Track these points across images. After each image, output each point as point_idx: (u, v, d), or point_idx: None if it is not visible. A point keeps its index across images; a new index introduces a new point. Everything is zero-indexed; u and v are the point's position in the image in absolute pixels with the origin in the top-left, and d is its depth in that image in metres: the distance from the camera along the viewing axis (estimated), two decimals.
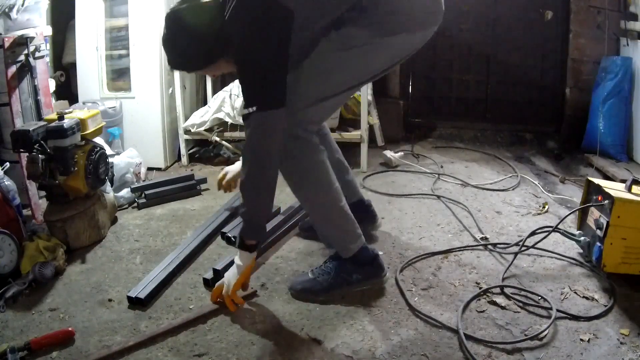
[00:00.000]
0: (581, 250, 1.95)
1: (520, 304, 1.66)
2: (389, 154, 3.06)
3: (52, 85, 2.63)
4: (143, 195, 2.55)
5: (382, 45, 1.58)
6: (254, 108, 1.49)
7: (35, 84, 2.31)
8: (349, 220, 1.72)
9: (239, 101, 3.08)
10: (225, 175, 2.28)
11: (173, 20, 1.59)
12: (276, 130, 1.53)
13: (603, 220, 1.75)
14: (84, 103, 2.89)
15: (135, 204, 2.52)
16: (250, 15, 1.49)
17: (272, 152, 1.55)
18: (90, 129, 2.15)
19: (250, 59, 1.50)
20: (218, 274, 1.81)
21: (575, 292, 1.73)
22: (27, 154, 1.99)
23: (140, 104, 3.00)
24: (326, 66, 1.60)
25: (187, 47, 1.60)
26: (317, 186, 1.67)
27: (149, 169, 2.99)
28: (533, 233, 1.98)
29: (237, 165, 2.28)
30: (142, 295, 1.70)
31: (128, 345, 1.48)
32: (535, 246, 1.93)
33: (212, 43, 1.57)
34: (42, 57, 2.39)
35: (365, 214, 2.08)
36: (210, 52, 1.60)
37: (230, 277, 1.67)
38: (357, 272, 1.72)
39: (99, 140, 2.32)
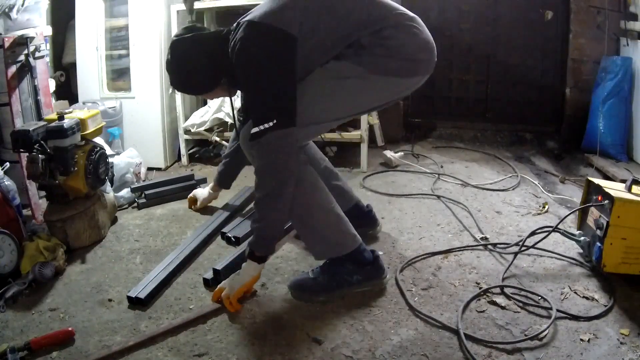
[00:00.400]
0: (581, 250, 1.95)
1: (520, 304, 1.66)
2: (389, 154, 3.06)
3: (52, 85, 2.63)
4: (143, 195, 2.55)
5: (374, 83, 1.62)
6: (271, 124, 1.52)
7: (35, 84, 2.31)
8: (341, 221, 1.73)
9: (239, 101, 3.08)
10: (195, 199, 2.44)
11: (176, 49, 1.70)
12: (295, 146, 1.57)
13: (603, 220, 1.75)
14: (84, 103, 2.89)
15: (135, 204, 2.52)
16: (261, 39, 1.55)
17: (292, 168, 1.58)
18: (90, 129, 2.15)
19: (265, 79, 1.55)
20: (218, 274, 1.81)
21: (575, 292, 1.73)
22: (27, 154, 1.99)
23: (140, 104, 3.00)
24: (318, 92, 1.63)
25: (187, 75, 1.73)
26: (301, 192, 1.66)
27: (149, 169, 2.99)
28: (533, 233, 1.97)
29: (205, 190, 2.43)
30: (142, 295, 1.70)
31: (128, 346, 1.48)
32: (535, 246, 1.93)
33: (211, 74, 1.69)
34: (42, 57, 2.39)
35: (364, 219, 2.08)
36: (209, 82, 1.72)
37: (234, 282, 1.67)
38: (358, 273, 1.72)
39: (99, 140, 2.33)
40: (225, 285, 1.69)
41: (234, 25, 1.65)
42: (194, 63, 1.68)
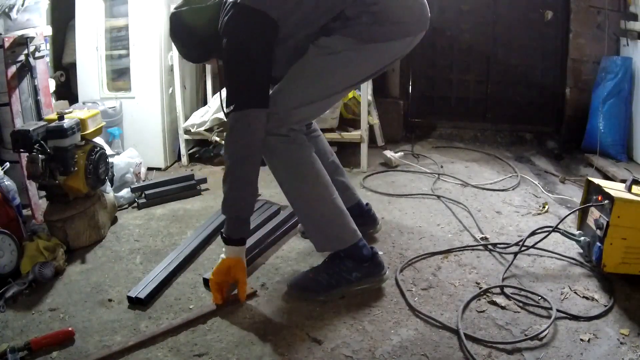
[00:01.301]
0: (581, 250, 1.95)
1: (520, 304, 1.66)
2: (389, 154, 3.06)
3: (52, 85, 2.62)
4: (143, 195, 2.55)
5: (367, 51, 1.64)
6: (231, 107, 1.58)
7: (35, 84, 2.31)
8: (342, 214, 1.72)
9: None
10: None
11: (174, 21, 1.76)
12: (253, 128, 1.60)
13: (603, 220, 1.75)
14: (84, 103, 2.89)
15: (135, 204, 2.52)
16: (237, 21, 1.58)
17: (250, 148, 1.61)
18: (90, 129, 2.15)
19: (233, 62, 1.61)
20: None
21: (575, 292, 1.73)
22: (27, 154, 1.99)
23: (140, 104, 3.00)
24: (313, 70, 1.65)
25: (185, 43, 1.80)
26: (304, 180, 1.68)
27: (149, 169, 2.99)
28: (533, 233, 1.97)
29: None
30: (142, 295, 1.70)
31: (128, 346, 1.47)
32: (535, 246, 1.93)
33: (205, 43, 1.74)
34: (42, 57, 2.39)
35: (364, 218, 2.08)
36: (204, 51, 1.78)
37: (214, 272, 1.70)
38: (357, 271, 1.72)
39: (99, 140, 2.32)
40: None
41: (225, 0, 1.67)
42: (188, 35, 1.74)
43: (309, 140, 1.77)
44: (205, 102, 3.39)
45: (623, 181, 2.00)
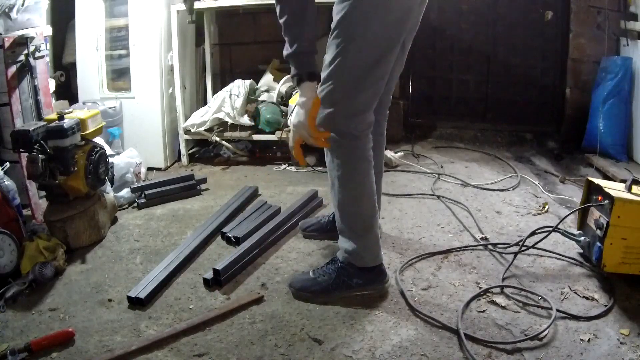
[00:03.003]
0: (581, 250, 1.95)
1: (520, 304, 1.66)
2: (389, 154, 3.06)
3: (52, 85, 2.63)
4: (143, 195, 2.55)
5: None
6: None
7: (35, 84, 2.31)
8: (372, 234, 1.70)
9: (239, 101, 3.09)
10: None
11: None
12: None
13: (603, 220, 1.75)
14: (84, 103, 2.89)
15: (135, 204, 2.52)
16: None
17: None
18: (90, 129, 2.15)
19: None
20: (218, 274, 1.81)
21: (575, 292, 1.73)
22: (27, 154, 1.99)
23: (140, 104, 3.00)
24: (344, 42, 1.52)
25: None
26: (352, 192, 1.65)
27: (149, 169, 2.99)
28: (533, 233, 1.97)
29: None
30: (142, 295, 1.70)
31: (131, 350, 1.47)
32: (535, 246, 1.93)
33: None
34: (42, 57, 2.39)
35: None
36: None
37: (298, 120, 1.61)
38: (358, 277, 1.70)
39: (99, 140, 2.33)
40: (292, 131, 1.62)
41: None
42: None
43: (374, 141, 1.69)
44: (205, 102, 3.39)
45: (623, 181, 1.99)
